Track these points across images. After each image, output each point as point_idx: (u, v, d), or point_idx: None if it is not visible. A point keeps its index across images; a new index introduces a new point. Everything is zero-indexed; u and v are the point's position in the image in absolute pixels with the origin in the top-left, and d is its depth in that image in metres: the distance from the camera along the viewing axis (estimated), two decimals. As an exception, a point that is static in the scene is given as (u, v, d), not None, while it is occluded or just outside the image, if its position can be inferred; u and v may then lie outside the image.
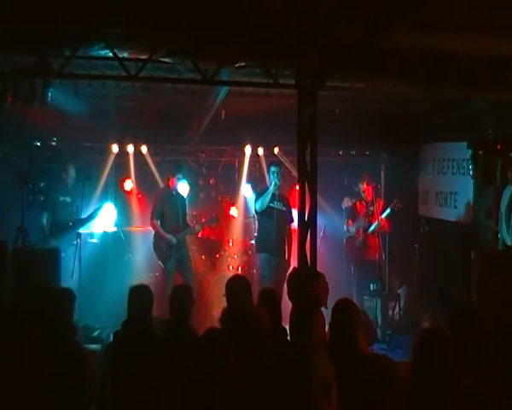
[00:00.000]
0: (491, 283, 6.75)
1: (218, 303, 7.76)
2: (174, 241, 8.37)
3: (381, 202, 9.04)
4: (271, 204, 8.32)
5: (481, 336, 3.46)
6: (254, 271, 8.81)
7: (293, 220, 8.46)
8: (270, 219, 8.30)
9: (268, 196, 8.28)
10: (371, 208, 8.82)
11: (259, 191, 8.75)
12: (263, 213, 8.39)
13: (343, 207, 9.60)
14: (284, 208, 8.41)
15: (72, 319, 4.47)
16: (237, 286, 5.09)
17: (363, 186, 8.96)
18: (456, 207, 8.77)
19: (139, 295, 4.72)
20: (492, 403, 3.11)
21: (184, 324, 4.80)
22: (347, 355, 3.55)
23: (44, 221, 8.06)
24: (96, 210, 8.42)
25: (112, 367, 4.46)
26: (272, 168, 8.45)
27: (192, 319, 4.99)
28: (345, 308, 3.90)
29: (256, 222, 8.84)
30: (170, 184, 8.61)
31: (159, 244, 8.46)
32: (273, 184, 8.28)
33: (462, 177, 8.47)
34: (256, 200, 8.52)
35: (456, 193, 8.75)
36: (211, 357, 3.03)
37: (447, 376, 3.06)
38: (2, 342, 3.48)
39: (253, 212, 8.85)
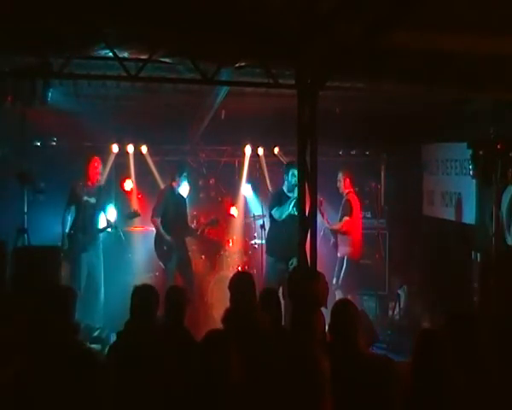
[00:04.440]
0: (491, 283, 6.75)
1: (218, 304, 7.77)
2: (174, 244, 8.37)
3: (355, 197, 8.82)
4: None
5: (480, 336, 3.47)
6: (254, 271, 8.79)
7: None
8: (281, 224, 7.87)
9: (290, 206, 7.76)
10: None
11: (275, 194, 8.30)
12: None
13: (343, 208, 9.57)
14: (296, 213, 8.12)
15: (73, 318, 4.48)
16: (242, 283, 5.09)
17: (341, 175, 8.73)
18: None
19: (143, 296, 4.64)
20: (491, 403, 3.12)
21: (178, 324, 4.74)
22: (347, 355, 3.56)
23: (68, 218, 7.82)
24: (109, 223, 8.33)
25: (114, 368, 4.45)
26: (293, 170, 7.70)
27: (192, 320, 4.97)
28: (344, 309, 3.90)
29: (264, 223, 8.56)
30: (173, 185, 8.61)
31: (160, 244, 8.45)
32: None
33: (465, 177, 8.44)
34: (273, 205, 7.96)
35: (459, 193, 8.73)
36: (213, 358, 3.03)
37: (446, 376, 3.07)
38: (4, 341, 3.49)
39: (262, 213, 8.69)
